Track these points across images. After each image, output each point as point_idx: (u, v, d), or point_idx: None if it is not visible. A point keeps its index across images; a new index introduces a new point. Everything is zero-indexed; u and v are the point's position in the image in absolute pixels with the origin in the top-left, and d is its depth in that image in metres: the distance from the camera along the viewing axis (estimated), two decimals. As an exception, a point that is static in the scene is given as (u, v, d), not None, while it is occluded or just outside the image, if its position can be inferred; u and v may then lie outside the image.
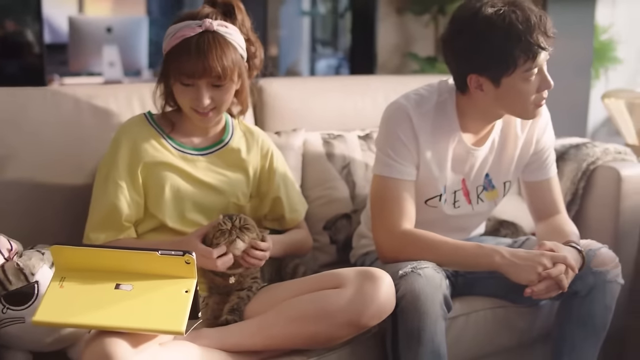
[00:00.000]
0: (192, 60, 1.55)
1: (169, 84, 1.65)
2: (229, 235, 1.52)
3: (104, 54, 4.54)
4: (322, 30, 7.26)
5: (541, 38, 1.55)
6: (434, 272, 1.55)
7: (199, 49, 1.56)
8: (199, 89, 1.58)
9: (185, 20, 1.63)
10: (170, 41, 1.61)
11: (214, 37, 1.59)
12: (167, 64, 1.61)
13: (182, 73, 1.57)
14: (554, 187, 1.86)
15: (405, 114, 1.70)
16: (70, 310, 1.22)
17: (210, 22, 1.60)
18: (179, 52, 1.58)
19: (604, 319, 1.74)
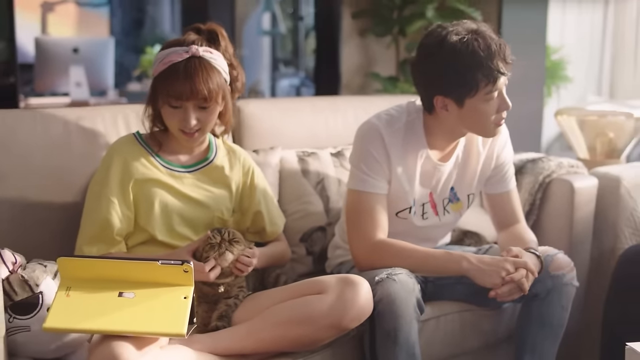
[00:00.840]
0: (181, 84, 1.67)
1: (157, 107, 1.76)
2: (219, 248, 1.62)
3: (70, 74, 4.59)
4: (283, 50, 7.39)
5: (500, 64, 1.71)
6: (408, 277, 1.69)
7: (186, 73, 1.67)
8: (186, 111, 1.70)
9: (173, 47, 1.75)
10: (158, 66, 1.72)
11: (200, 62, 1.70)
12: (156, 88, 1.72)
13: (171, 95, 1.68)
14: (514, 198, 2.02)
15: (377, 132, 1.84)
16: (78, 316, 1.32)
17: (196, 48, 1.72)
18: (167, 76, 1.69)
19: (561, 319, 1.89)
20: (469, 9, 3.80)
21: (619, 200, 2.26)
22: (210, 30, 1.84)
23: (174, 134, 1.76)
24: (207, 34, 1.83)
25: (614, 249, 2.25)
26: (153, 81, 1.75)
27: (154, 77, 1.74)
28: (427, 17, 3.84)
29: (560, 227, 2.23)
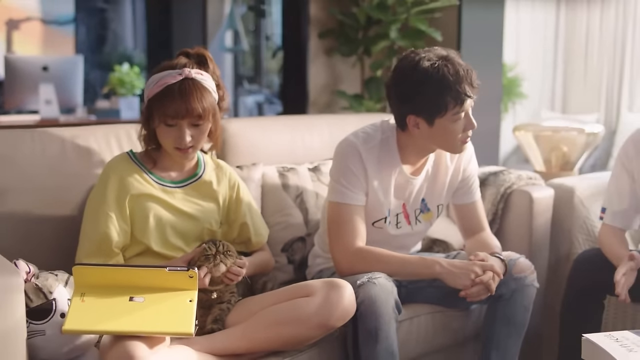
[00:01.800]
0: (176, 103, 1.80)
1: (152, 127, 1.89)
2: (214, 259, 1.76)
3: (40, 92, 4.65)
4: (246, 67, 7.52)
5: (467, 88, 1.90)
6: (386, 281, 1.85)
7: (181, 94, 1.81)
8: (181, 129, 1.83)
9: (165, 70, 1.89)
10: (153, 88, 1.85)
11: (193, 83, 1.85)
12: (151, 109, 1.85)
13: (168, 115, 1.82)
14: (479, 208, 2.21)
15: (355, 149, 2.01)
16: (93, 319, 1.45)
17: (189, 71, 1.86)
18: (163, 97, 1.82)
19: (524, 318, 2.07)
20: (429, 29, 4.01)
21: (573, 209, 2.46)
22: (199, 54, 1.98)
23: (169, 151, 1.90)
24: (196, 58, 1.97)
25: (569, 254, 2.45)
26: (148, 102, 1.88)
27: (149, 98, 1.87)
28: (391, 38, 4.03)
29: (520, 233, 2.42)
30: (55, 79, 4.79)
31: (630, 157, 2.15)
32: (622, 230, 2.18)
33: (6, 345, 1.38)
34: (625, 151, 2.18)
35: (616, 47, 4.77)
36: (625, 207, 2.17)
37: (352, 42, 4.20)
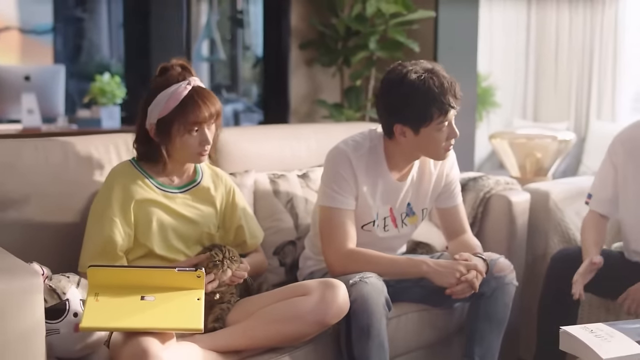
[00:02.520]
0: (200, 109, 1.91)
1: (167, 144, 1.96)
2: (222, 265, 1.85)
3: (22, 101, 4.69)
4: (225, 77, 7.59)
5: (451, 99, 2.02)
6: (377, 280, 1.96)
7: (202, 99, 1.92)
8: (203, 132, 1.94)
9: (167, 86, 1.96)
10: (168, 104, 1.92)
11: (202, 89, 1.96)
12: (170, 123, 1.93)
13: (194, 122, 1.91)
14: (461, 212, 2.34)
15: (345, 156, 2.12)
16: (108, 317, 1.54)
17: (194, 79, 1.97)
18: (184, 108, 1.91)
19: (504, 315, 2.20)
20: (407, 41, 4.15)
21: (548, 212, 2.61)
22: (182, 65, 2.07)
23: (190, 157, 1.99)
24: (181, 67, 2.06)
25: (545, 254, 2.59)
26: (162, 120, 1.94)
27: (164, 116, 1.94)
28: (370, 49, 4.17)
29: (499, 235, 2.55)
30: (37, 89, 4.83)
31: (617, 152, 2.33)
32: (605, 217, 2.34)
33: (28, 343, 1.46)
34: (614, 146, 2.36)
35: (584, 59, 4.96)
36: (609, 196, 2.34)
37: (332, 52, 4.32)
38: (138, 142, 2.05)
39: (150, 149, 2.02)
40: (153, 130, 1.98)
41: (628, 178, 2.32)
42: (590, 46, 4.92)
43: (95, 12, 7.46)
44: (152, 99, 1.99)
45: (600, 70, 4.89)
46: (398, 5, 4.03)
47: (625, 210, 2.35)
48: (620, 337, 1.74)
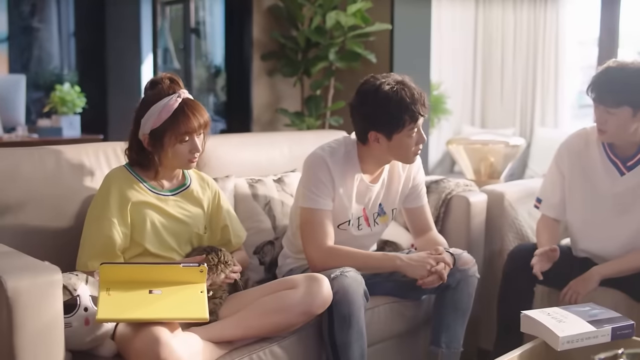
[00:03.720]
0: (190, 120, 2.06)
1: (160, 153, 2.10)
2: (216, 269, 2.01)
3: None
4: (184, 86, 7.63)
5: (421, 108, 2.23)
6: (356, 274, 2.15)
7: (192, 111, 2.07)
8: (193, 140, 2.09)
9: (158, 99, 2.10)
10: (160, 116, 2.06)
11: (191, 100, 2.11)
12: (161, 135, 2.07)
13: (184, 132, 2.06)
14: (427, 211, 2.55)
15: (323, 161, 2.30)
16: (121, 309, 1.68)
17: (183, 92, 2.12)
18: (176, 119, 2.05)
19: (468, 304, 2.41)
20: (365, 52, 4.37)
21: (503, 211, 2.84)
22: (170, 78, 2.21)
23: (181, 164, 2.13)
24: (170, 80, 2.20)
25: (501, 250, 2.82)
26: (155, 131, 2.08)
27: (156, 127, 2.08)
28: (330, 60, 4.37)
29: (459, 233, 2.77)
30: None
31: (563, 159, 2.56)
32: (556, 220, 2.58)
33: (50, 333, 1.60)
34: (560, 153, 2.58)
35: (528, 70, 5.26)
36: (558, 200, 2.57)
37: (293, 63, 4.51)
38: (131, 151, 2.19)
39: (143, 157, 2.15)
40: (146, 140, 2.12)
41: (574, 183, 2.56)
42: (534, 58, 5.23)
43: (50, 22, 7.46)
44: (144, 111, 2.12)
45: (543, 81, 5.20)
46: (357, 18, 4.25)
47: (572, 213, 2.59)
48: (573, 318, 1.98)
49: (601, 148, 2.50)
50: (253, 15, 4.51)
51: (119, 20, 6.94)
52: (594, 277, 2.43)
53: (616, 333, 1.92)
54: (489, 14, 5.24)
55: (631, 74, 2.30)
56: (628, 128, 2.35)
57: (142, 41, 6.79)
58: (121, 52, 6.91)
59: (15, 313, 1.54)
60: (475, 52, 5.41)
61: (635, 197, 2.44)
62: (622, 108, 2.30)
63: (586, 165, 2.52)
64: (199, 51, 7.22)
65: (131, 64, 6.87)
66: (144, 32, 6.81)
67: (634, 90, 2.28)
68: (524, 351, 1.90)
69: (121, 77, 6.88)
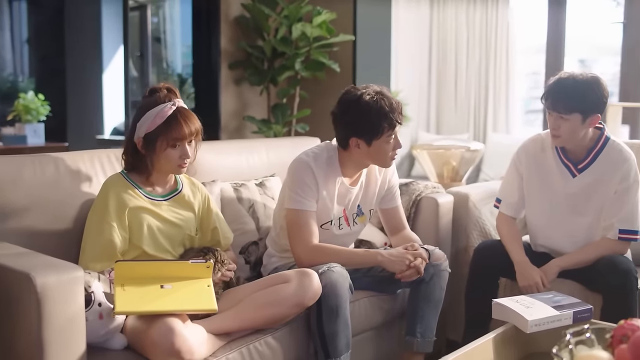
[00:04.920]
0: (182, 127, 2.20)
1: (152, 156, 2.24)
2: (213, 269, 2.16)
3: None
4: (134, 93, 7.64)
5: (398, 116, 2.43)
6: (341, 269, 2.33)
7: (184, 119, 2.22)
8: (184, 147, 2.23)
9: (154, 106, 2.25)
10: (154, 121, 2.21)
11: (185, 109, 2.26)
12: (155, 137, 2.21)
13: (175, 138, 2.20)
14: (401, 211, 2.75)
15: (308, 165, 2.48)
16: (137, 303, 1.83)
17: (178, 101, 2.27)
18: (168, 125, 2.20)
19: (440, 296, 2.62)
20: (329, 62, 4.58)
21: (468, 211, 3.07)
22: (168, 88, 2.36)
23: (170, 169, 2.27)
24: (167, 90, 2.35)
25: (467, 246, 3.05)
26: (149, 135, 2.22)
27: (150, 131, 2.22)
28: (295, 69, 4.56)
29: (429, 231, 2.97)
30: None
31: (521, 161, 2.78)
32: (513, 218, 2.81)
33: (73, 325, 1.74)
34: (518, 156, 2.80)
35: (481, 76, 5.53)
36: (516, 199, 2.80)
37: (260, 72, 4.68)
38: (126, 154, 2.32)
39: (137, 160, 2.30)
40: (140, 143, 2.26)
41: (531, 184, 2.79)
42: (486, 64, 5.50)
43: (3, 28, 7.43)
44: (141, 116, 2.27)
45: (495, 86, 5.47)
46: (322, 30, 4.45)
47: (531, 212, 2.82)
48: (539, 304, 2.20)
49: (555, 152, 2.74)
50: (220, 25, 4.66)
51: (79, 27, 6.96)
52: (553, 268, 2.67)
53: (577, 316, 2.16)
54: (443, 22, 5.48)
55: (581, 84, 2.54)
56: (579, 133, 2.59)
57: (102, 48, 6.84)
58: (81, 59, 6.94)
59: (43, 307, 1.67)
60: (430, 60, 5.66)
61: (586, 196, 2.68)
62: (574, 114, 2.54)
63: (542, 168, 2.76)
64: (158, 58, 7.29)
65: (91, 71, 6.91)
66: (106, 38, 6.86)
67: (584, 98, 2.52)
68: (497, 335, 2.11)
69: (81, 84, 6.91)
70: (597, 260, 2.59)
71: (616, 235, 2.61)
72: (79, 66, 6.94)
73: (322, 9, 4.48)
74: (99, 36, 6.84)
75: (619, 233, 2.61)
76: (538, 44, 5.77)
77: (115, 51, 6.91)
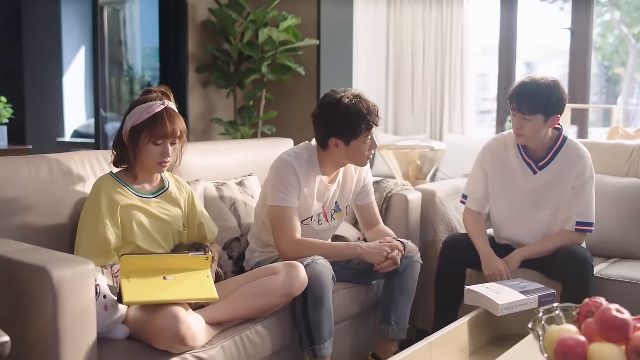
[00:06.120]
0: (166, 125, 2.32)
1: (133, 147, 2.35)
2: None
3: None
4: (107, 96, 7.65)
5: (375, 118, 2.61)
6: (325, 261, 2.49)
7: (169, 118, 2.34)
8: (165, 146, 2.35)
9: (145, 102, 2.37)
10: (141, 116, 2.32)
11: (172, 110, 2.38)
12: (140, 131, 2.32)
13: (158, 136, 2.31)
14: (375, 207, 2.93)
15: (290, 165, 2.63)
16: (143, 293, 1.95)
17: (170, 103, 2.39)
18: (153, 122, 2.31)
19: (413, 287, 2.80)
20: (294, 65, 4.73)
21: (435, 207, 3.26)
22: (162, 91, 2.48)
23: (150, 166, 2.37)
24: (161, 93, 2.47)
25: (434, 240, 3.24)
26: (134, 128, 2.34)
27: (135, 125, 2.33)
28: (262, 72, 4.70)
29: (399, 226, 3.15)
30: None
31: (486, 160, 2.98)
32: (479, 213, 3.01)
33: (85, 315, 1.85)
34: (483, 155, 3.00)
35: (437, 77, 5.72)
36: (481, 195, 3.00)
37: (227, 75, 4.81)
38: (115, 147, 2.43)
39: (123, 153, 2.41)
40: (127, 135, 2.38)
41: (495, 181, 3.00)
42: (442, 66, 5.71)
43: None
44: (130, 111, 2.40)
45: (450, 87, 5.67)
46: (289, 34, 4.60)
47: (495, 206, 3.03)
48: (508, 290, 2.40)
49: (517, 151, 2.95)
50: (188, 29, 4.77)
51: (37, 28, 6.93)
52: (516, 258, 2.88)
53: (542, 300, 2.36)
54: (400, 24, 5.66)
55: (543, 87, 2.75)
56: (541, 132, 2.80)
57: (63, 50, 6.84)
58: (40, 61, 6.91)
59: (59, 298, 1.78)
60: (388, 62, 5.82)
61: (546, 192, 2.90)
62: (537, 115, 2.75)
63: (505, 166, 2.97)
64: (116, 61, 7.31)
65: (51, 73, 6.90)
66: (66, 40, 6.86)
67: (546, 100, 2.74)
68: (471, 318, 2.30)
69: (40, 86, 6.89)
70: (557, 250, 2.81)
71: (574, 227, 2.84)
72: (38, 68, 6.92)
73: (288, 14, 4.63)
74: (59, 37, 6.83)
75: (576, 225, 2.83)
76: (485, 46, 6.02)
77: (75, 53, 6.92)
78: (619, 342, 1.56)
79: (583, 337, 1.59)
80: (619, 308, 1.60)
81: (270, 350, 2.39)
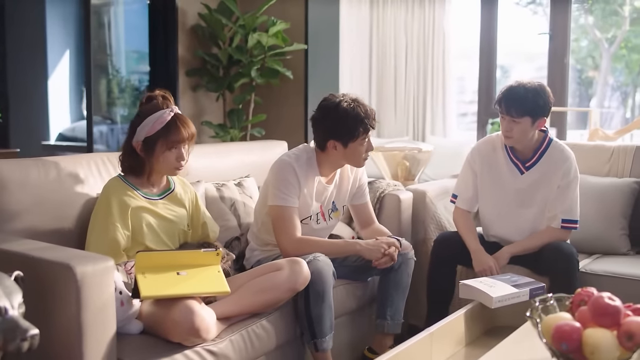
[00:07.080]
0: (181, 131, 2.42)
1: (151, 158, 2.44)
2: None
3: None
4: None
5: (372, 122, 2.72)
6: (325, 258, 2.60)
7: (183, 123, 2.44)
8: (181, 150, 2.45)
9: (152, 112, 2.46)
10: (154, 126, 2.42)
11: (182, 115, 2.48)
12: (155, 141, 2.42)
13: (174, 141, 2.41)
14: (370, 206, 3.04)
15: (290, 165, 2.74)
16: (159, 288, 2.04)
17: (176, 107, 2.48)
18: (168, 130, 2.41)
19: (407, 283, 2.92)
20: (283, 69, 4.83)
21: (425, 206, 3.39)
22: (163, 95, 2.57)
23: (166, 171, 2.48)
24: (162, 97, 2.56)
25: (425, 238, 3.37)
26: (148, 139, 2.43)
27: (150, 135, 2.42)
28: (251, 76, 4.79)
29: (392, 225, 3.26)
30: None
31: (475, 160, 3.11)
32: (469, 212, 3.13)
33: (106, 308, 1.93)
34: (472, 156, 3.13)
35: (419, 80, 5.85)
36: (470, 195, 3.12)
37: (216, 79, 4.89)
38: (124, 156, 2.51)
39: (135, 162, 2.49)
40: (139, 146, 2.47)
41: (484, 181, 3.13)
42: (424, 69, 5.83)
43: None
44: (140, 121, 2.47)
45: (433, 89, 5.80)
46: (277, 39, 4.70)
47: (484, 205, 3.16)
48: (500, 284, 2.53)
49: (505, 152, 3.08)
50: (178, 34, 4.84)
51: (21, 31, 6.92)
52: (505, 255, 3.01)
53: (532, 293, 2.49)
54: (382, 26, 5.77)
55: (530, 91, 2.89)
56: (528, 134, 2.94)
57: (47, 53, 6.85)
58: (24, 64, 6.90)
59: (82, 293, 1.87)
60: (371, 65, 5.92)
61: (533, 191, 3.03)
62: (524, 118, 2.89)
63: (494, 167, 3.10)
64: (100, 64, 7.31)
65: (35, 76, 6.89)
66: (50, 43, 6.86)
67: (533, 103, 2.87)
68: (466, 311, 2.42)
69: (24, 89, 6.88)
70: (544, 247, 2.95)
71: (559, 224, 2.98)
72: (22, 71, 6.91)
73: (276, 19, 4.73)
74: (44, 41, 6.85)
75: (561, 222, 2.98)
76: (463, 49, 6.15)
77: (60, 56, 6.93)
78: (611, 327, 1.69)
79: (578, 323, 1.72)
80: (610, 296, 1.73)
81: (274, 344, 2.49)
